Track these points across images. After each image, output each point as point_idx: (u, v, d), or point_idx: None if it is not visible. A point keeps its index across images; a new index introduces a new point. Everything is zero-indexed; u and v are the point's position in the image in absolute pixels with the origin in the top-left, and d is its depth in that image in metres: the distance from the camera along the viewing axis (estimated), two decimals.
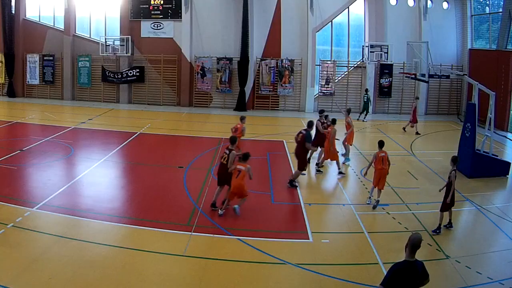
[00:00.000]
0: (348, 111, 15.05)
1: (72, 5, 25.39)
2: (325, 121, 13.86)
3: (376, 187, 10.45)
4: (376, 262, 7.79)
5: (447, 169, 13.80)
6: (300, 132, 11.95)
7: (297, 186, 11.61)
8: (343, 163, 13.86)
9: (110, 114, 22.37)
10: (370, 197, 10.66)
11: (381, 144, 10.73)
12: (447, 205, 9.15)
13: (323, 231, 9.14)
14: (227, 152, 9.77)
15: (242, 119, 13.58)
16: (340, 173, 12.87)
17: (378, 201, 10.38)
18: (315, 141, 13.22)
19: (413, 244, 5.10)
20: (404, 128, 19.68)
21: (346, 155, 14.39)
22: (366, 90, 23.01)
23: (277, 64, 24.24)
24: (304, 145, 11.57)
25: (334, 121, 13.19)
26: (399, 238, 8.88)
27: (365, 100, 22.29)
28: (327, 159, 13.10)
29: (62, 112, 22.63)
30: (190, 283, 7.03)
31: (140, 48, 25.33)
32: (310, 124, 12.36)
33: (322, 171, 13.19)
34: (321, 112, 14.66)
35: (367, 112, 22.35)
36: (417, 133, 19.15)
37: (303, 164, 11.70)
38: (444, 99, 24.97)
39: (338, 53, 25.55)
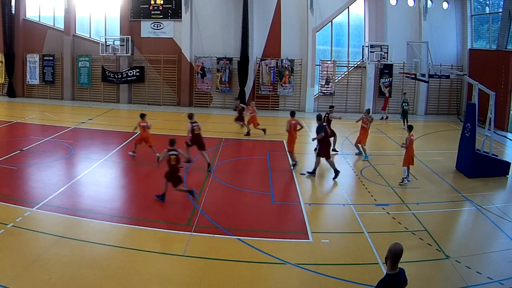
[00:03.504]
0: (368, 112, 15.38)
1: (72, 5, 25.40)
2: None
3: (408, 166, 12.22)
4: (376, 262, 7.79)
5: (447, 169, 13.99)
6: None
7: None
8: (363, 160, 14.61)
9: (110, 114, 22.37)
10: (404, 178, 12.15)
11: (410, 128, 12.71)
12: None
13: (323, 231, 9.14)
14: None
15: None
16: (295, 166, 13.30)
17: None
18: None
19: (395, 256, 4.75)
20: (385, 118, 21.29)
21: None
22: (405, 94, 22.31)
23: (277, 64, 24.24)
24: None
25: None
26: (399, 238, 8.89)
27: (405, 107, 20.53)
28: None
29: (62, 112, 22.63)
30: (190, 283, 7.03)
31: (140, 48, 25.33)
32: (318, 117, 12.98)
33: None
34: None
35: (407, 119, 20.35)
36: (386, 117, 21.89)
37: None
38: (444, 99, 24.98)
39: (338, 53, 25.56)
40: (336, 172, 12.44)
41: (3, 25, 25.31)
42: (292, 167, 13.18)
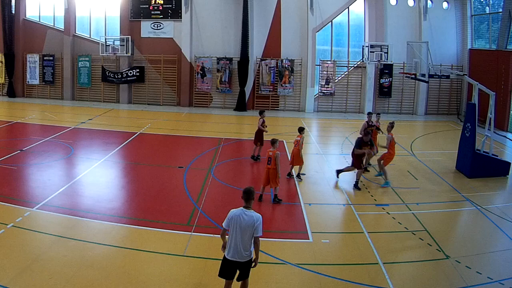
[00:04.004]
0: (392, 125, 12.84)
1: (72, 5, 25.41)
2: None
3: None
4: (376, 262, 7.78)
5: (447, 169, 14.00)
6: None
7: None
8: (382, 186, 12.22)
9: (110, 114, 22.37)
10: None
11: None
12: None
13: (323, 231, 9.13)
14: None
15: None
16: (298, 176, 12.52)
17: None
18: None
19: None
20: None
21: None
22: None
23: (277, 64, 24.25)
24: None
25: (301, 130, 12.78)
26: (399, 238, 8.90)
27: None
28: (291, 164, 12.63)
29: (62, 112, 22.63)
30: (190, 283, 7.02)
31: (140, 48, 25.34)
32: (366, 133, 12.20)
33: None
34: (261, 113, 14.58)
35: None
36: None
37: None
38: (444, 99, 24.99)
39: (338, 53, 25.57)
40: (338, 172, 12.51)
41: (3, 25, 25.32)
42: (295, 177, 12.52)
